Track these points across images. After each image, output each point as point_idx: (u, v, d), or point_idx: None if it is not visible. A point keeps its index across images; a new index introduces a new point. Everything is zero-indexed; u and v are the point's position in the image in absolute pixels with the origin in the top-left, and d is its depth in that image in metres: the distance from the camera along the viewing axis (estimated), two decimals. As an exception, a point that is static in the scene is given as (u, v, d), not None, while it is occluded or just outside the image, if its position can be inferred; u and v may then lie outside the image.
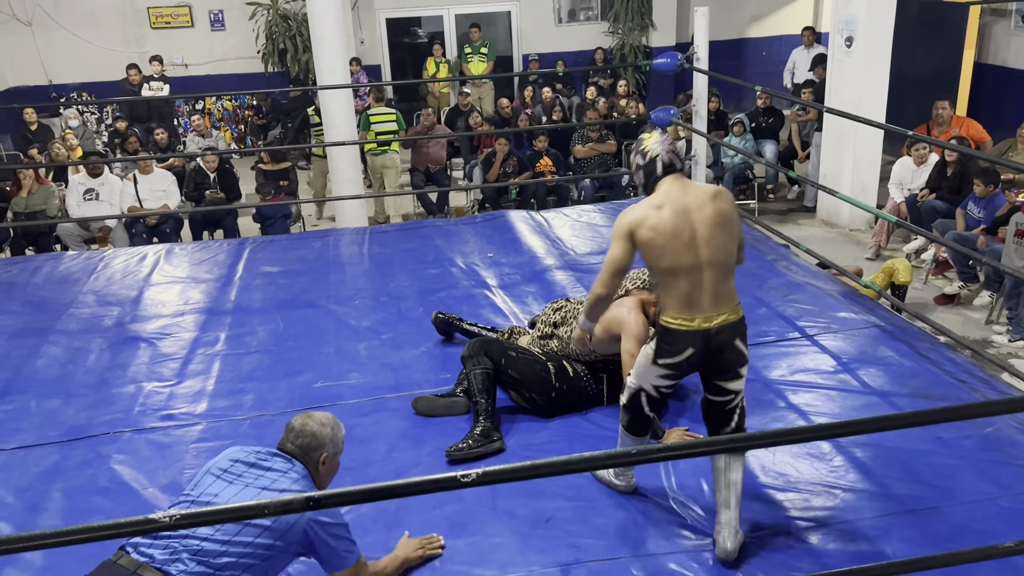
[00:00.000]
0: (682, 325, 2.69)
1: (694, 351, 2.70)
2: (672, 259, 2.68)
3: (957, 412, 2.18)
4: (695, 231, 2.68)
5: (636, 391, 2.87)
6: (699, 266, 2.67)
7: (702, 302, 2.68)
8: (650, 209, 2.72)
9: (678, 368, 2.75)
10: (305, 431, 2.55)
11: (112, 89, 10.94)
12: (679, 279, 2.68)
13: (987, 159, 6.16)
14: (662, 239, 2.67)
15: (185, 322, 4.77)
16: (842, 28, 8.10)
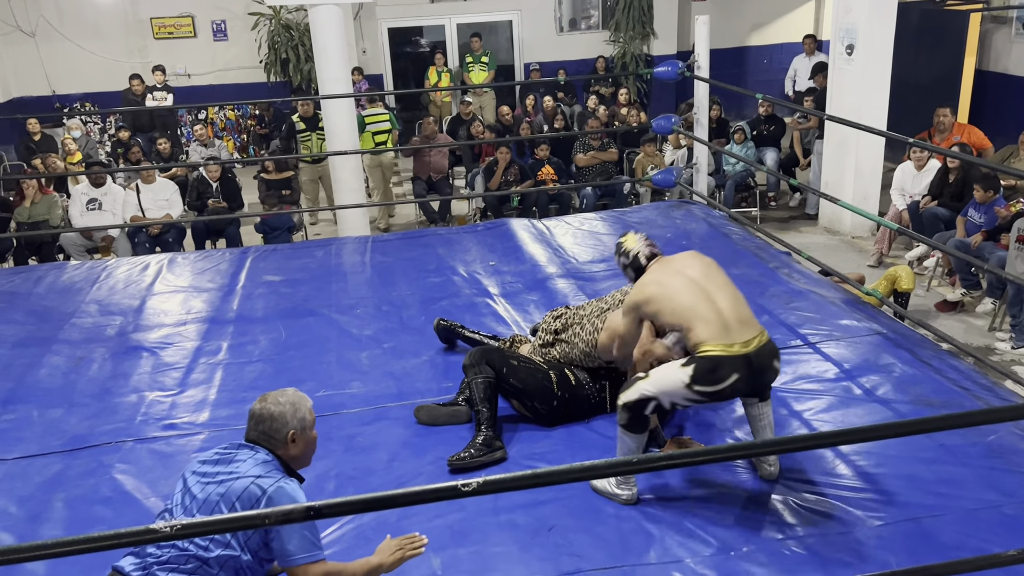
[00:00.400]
0: (723, 351, 2.81)
1: (739, 376, 2.81)
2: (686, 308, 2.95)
3: (960, 420, 2.18)
4: (695, 279, 3.03)
5: (648, 399, 2.90)
6: (711, 299, 2.96)
7: (734, 329, 2.88)
8: (642, 287, 3.13)
9: (719, 396, 2.86)
10: (264, 414, 2.50)
11: (115, 99, 10.99)
12: (701, 316, 2.91)
13: (988, 166, 6.16)
14: (664, 297, 3.01)
15: (187, 331, 4.77)
16: (843, 36, 8.11)
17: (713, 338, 2.83)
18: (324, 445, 3.55)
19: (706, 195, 6.92)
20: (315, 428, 2.63)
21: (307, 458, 2.62)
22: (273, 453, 2.49)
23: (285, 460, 2.51)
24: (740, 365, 2.80)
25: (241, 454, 2.47)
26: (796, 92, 10.69)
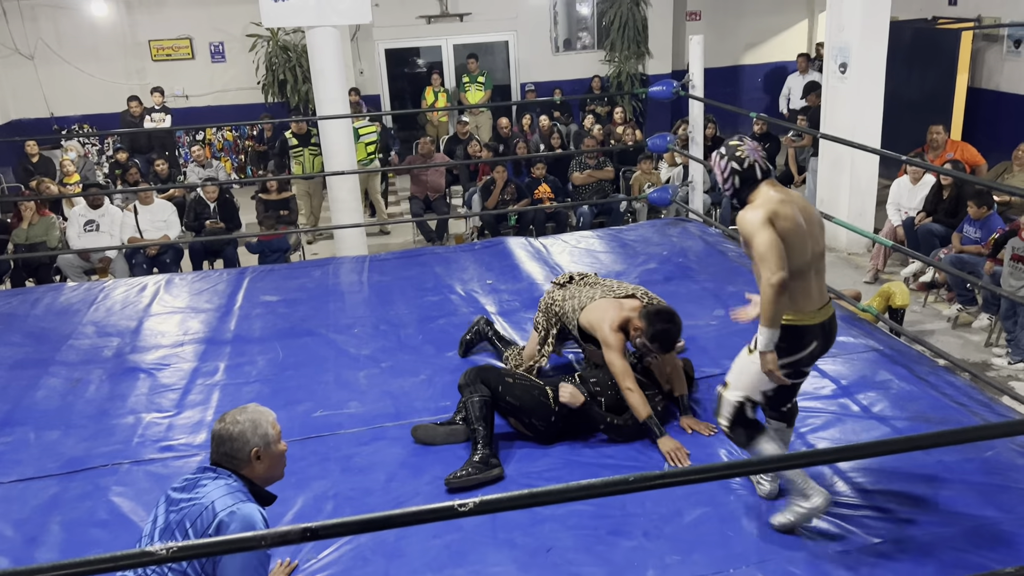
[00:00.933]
0: (804, 321, 2.78)
1: (817, 343, 2.82)
2: (799, 255, 2.76)
3: (957, 436, 2.18)
4: (810, 227, 2.81)
5: (740, 404, 2.87)
6: (814, 259, 2.81)
7: (815, 296, 2.81)
8: (776, 203, 2.77)
9: (799, 364, 2.83)
10: (224, 435, 2.44)
11: (113, 121, 11.04)
12: (801, 275, 2.77)
13: (980, 183, 6.20)
14: (794, 231, 2.75)
15: (185, 352, 4.77)
16: (836, 54, 8.17)
17: (799, 307, 2.78)
18: (322, 465, 3.56)
19: (702, 213, 6.95)
20: (282, 440, 2.54)
21: (277, 472, 2.53)
22: (238, 474, 2.42)
23: (251, 480, 2.44)
24: (818, 332, 2.81)
25: (204, 479, 2.40)
26: (790, 110, 10.76)
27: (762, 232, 2.73)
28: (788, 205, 2.78)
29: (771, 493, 3.11)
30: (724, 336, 4.49)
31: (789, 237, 2.74)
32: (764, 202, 2.81)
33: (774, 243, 2.70)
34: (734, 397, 2.89)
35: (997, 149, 8.50)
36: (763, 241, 2.72)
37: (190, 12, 11.54)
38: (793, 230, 2.75)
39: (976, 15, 9.51)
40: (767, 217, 2.74)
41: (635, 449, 3.56)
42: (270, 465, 2.47)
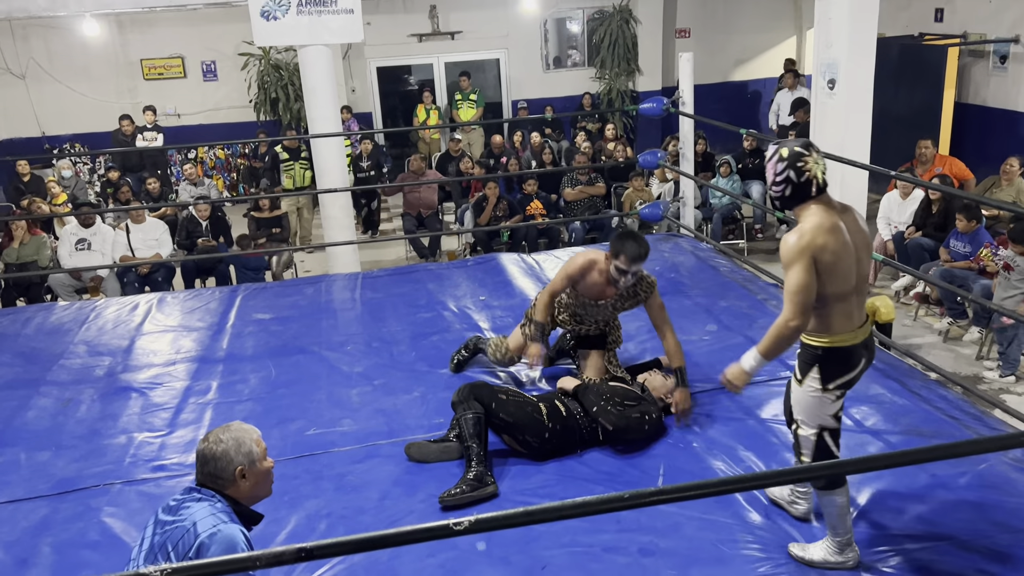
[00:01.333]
0: (848, 341, 2.73)
1: (865, 360, 2.78)
2: (843, 282, 2.70)
3: (951, 450, 2.18)
4: (858, 251, 2.75)
5: (817, 436, 2.79)
6: (859, 282, 2.75)
7: (856, 316, 2.76)
8: (825, 234, 2.68)
9: (850, 384, 2.78)
10: (206, 456, 2.40)
11: (105, 140, 11.04)
12: (846, 299, 2.73)
13: (968, 197, 6.25)
14: (840, 263, 2.68)
15: (177, 371, 4.75)
16: (824, 71, 8.24)
17: (841, 328, 2.73)
18: (315, 484, 3.55)
19: (693, 228, 6.98)
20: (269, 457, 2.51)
21: (263, 490, 2.50)
22: (222, 494, 2.39)
23: (237, 499, 2.41)
24: (862, 351, 2.78)
25: (189, 500, 2.37)
26: (780, 126, 10.82)
27: (797, 268, 2.67)
28: (837, 233, 2.69)
29: (807, 513, 3.08)
30: (717, 351, 4.50)
31: (833, 268, 2.67)
32: (812, 230, 2.69)
33: (804, 287, 2.66)
34: (809, 431, 2.82)
35: (985, 163, 8.57)
36: (795, 280, 2.68)
37: (182, 31, 11.57)
38: (838, 261, 2.68)
39: (962, 31, 9.62)
40: (809, 252, 2.66)
41: (629, 464, 3.57)
42: (256, 483, 2.44)
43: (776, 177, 2.79)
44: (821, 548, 2.86)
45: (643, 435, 3.66)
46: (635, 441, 3.66)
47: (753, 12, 12.82)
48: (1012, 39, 8.98)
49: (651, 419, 3.68)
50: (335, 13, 7.09)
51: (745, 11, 12.80)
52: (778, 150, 2.81)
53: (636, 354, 4.57)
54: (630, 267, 3.79)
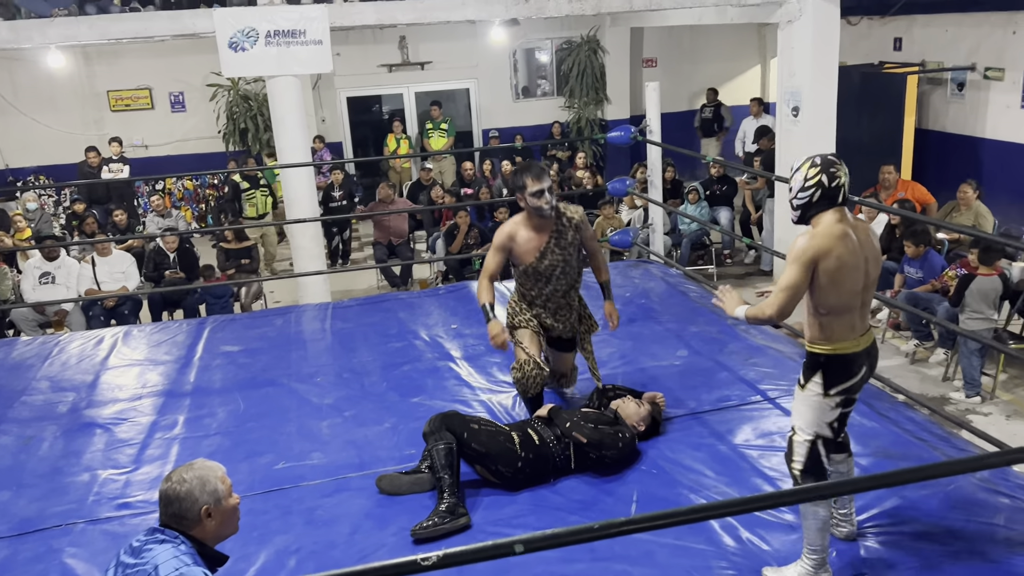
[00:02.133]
0: (849, 349, 2.80)
1: (866, 368, 2.84)
2: (848, 291, 2.77)
3: (920, 473, 2.20)
4: (867, 261, 2.81)
5: (811, 443, 2.86)
6: (864, 291, 2.82)
7: (858, 325, 2.83)
8: (833, 240, 2.75)
9: (853, 391, 2.83)
10: (169, 497, 2.34)
11: (71, 171, 10.90)
12: (851, 305, 2.79)
13: (930, 222, 6.37)
14: (845, 269, 2.75)
15: (143, 406, 4.67)
16: (788, 99, 8.40)
17: (843, 336, 2.80)
18: (284, 519, 3.49)
19: (663, 254, 7.03)
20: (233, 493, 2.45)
21: (230, 529, 2.45)
22: (187, 535, 2.33)
23: (202, 540, 2.36)
24: (865, 358, 2.85)
25: (152, 541, 2.31)
26: (746, 152, 11.00)
27: (795, 267, 2.76)
28: (847, 240, 2.76)
29: (850, 535, 3.08)
30: (687, 375, 4.52)
31: (837, 274, 2.74)
32: (822, 234, 2.77)
33: (794, 287, 2.76)
34: (804, 437, 2.88)
35: (945, 188, 8.75)
36: (788, 278, 2.77)
37: (149, 62, 11.52)
38: (842, 267, 2.74)
39: (920, 60, 9.87)
40: (812, 256, 2.74)
41: (603, 491, 3.55)
42: (222, 522, 2.39)
43: (806, 182, 2.84)
44: (796, 570, 2.88)
45: (617, 451, 3.64)
46: (608, 466, 3.65)
47: (718, 42, 13.05)
48: (969, 67, 9.23)
49: (624, 437, 3.68)
50: (304, 44, 7.11)
51: (711, 41, 13.03)
52: (811, 158, 2.89)
53: (607, 381, 4.58)
54: (541, 183, 3.87)
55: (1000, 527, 3.10)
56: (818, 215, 2.84)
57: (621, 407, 3.89)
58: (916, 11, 9.78)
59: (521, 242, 4.02)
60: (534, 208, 3.93)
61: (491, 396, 4.48)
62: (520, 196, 3.95)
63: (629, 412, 3.87)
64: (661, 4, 8.01)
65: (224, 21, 6.99)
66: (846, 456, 3.06)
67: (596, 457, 3.64)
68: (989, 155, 9.21)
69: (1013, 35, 8.69)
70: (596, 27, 12.39)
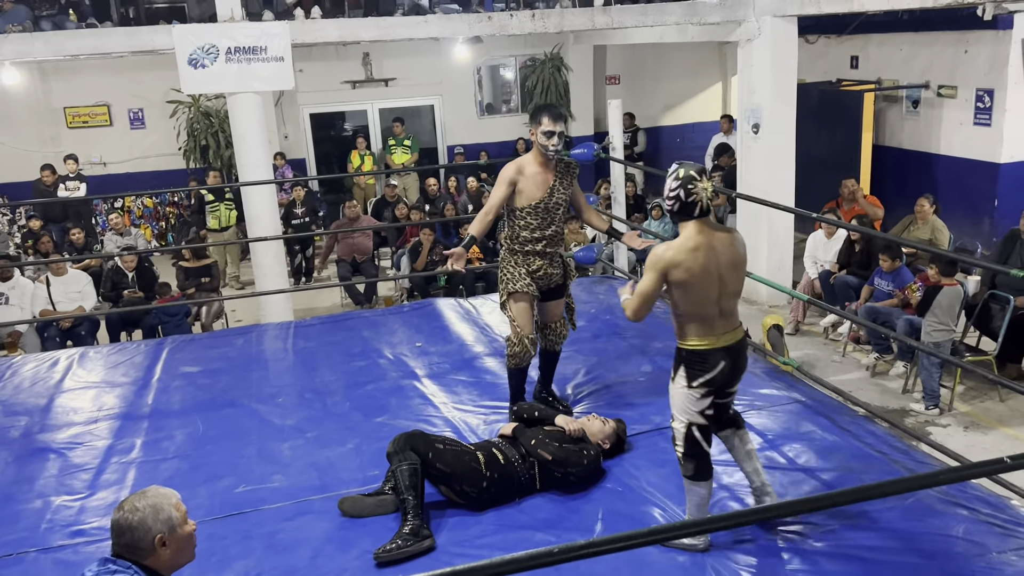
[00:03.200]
0: (709, 346, 3.07)
1: (726, 363, 3.08)
2: (700, 294, 3.05)
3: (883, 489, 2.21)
4: (719, 270, 3.06)
5: (687, 429, 3.12)
6: (718, 297, 3.07)
7: (719, 326, 3.09)
8: (686, 253, 3.03)
9: (713, 383, 3.08)
10: (121, 527, 2.27)
11: (26, 190, 10.67)
12: (704, 309, 3.06)
13: (887, 238, 6.48)
14: (694, 280, 3.02)
15: (98, 429, 4.56)
16: (748, 115, 8.53)
17: (701, 333, 3.07)
18: (244, 544, 3.42)
19: (627, 270, 7.06)
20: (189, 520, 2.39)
21: (185, 556, 2.38)
22: (140, 564, 2.26)
23: (156, 569, 2.29)
24: (726, 354, 3.08)
25: (103, 573, 2.24)
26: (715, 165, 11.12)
27: (648, 276, 3.09)
28: (697, 253, 3.02)
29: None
30: (652, 391, 4.53)
31: (686, 284, 3.03)
32: (675, 247, 3.05)
33: (646, 294, 3.10)
34: (679, 424, 3.15)
35: (903, 203, 8.93)
36: (642, 284, 3.12)
37: (107, 78, 11.35)
38: (691, 279, 3.02)
39: (876, 78, 10.08)
40: (662, 267, 3.04)
41: (568, 509, 3.53)
42: (177, 550, 2.33)
43: (670, 192, 3.12)
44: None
45: (582, 468, 3.63)
46: (573, 484, 3.63)
47: (680, 60, 13.22)
48: (923, 85, 9.44)
49: (589, 455, 3.67)
50: (265, 61, 7.06)
51: (672, 59, 13.20)
52: (676, 169, 3.12)
53: (574, 400, 4.57)
54: (555, 126, 4.06)
55: (959, 539, 3.14)
56: (683, 223, 3.11)
57: (586, 425, 3.88)
58: (871, 30, 10.00)
59: (529, 176, 4.17)
60: (541, 145, 4.12)
61: (456, 415, 4.45)
62: (533, 130, 4.15)
63: (594, 430, 3.86)
64: (623, 22, 8.10)
65: (184, 38, 6.92)
66: (733, 430, 3.31)
67: (561, 475, 3.63)
68: (943, 171, 9.42)
69: (965, 54, 8.92)
70: (560, 45, 12.48)
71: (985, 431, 5.86)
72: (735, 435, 3.31)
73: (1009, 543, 3.10)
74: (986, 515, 3.27)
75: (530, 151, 4.24)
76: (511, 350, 4.17)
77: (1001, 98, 8.58)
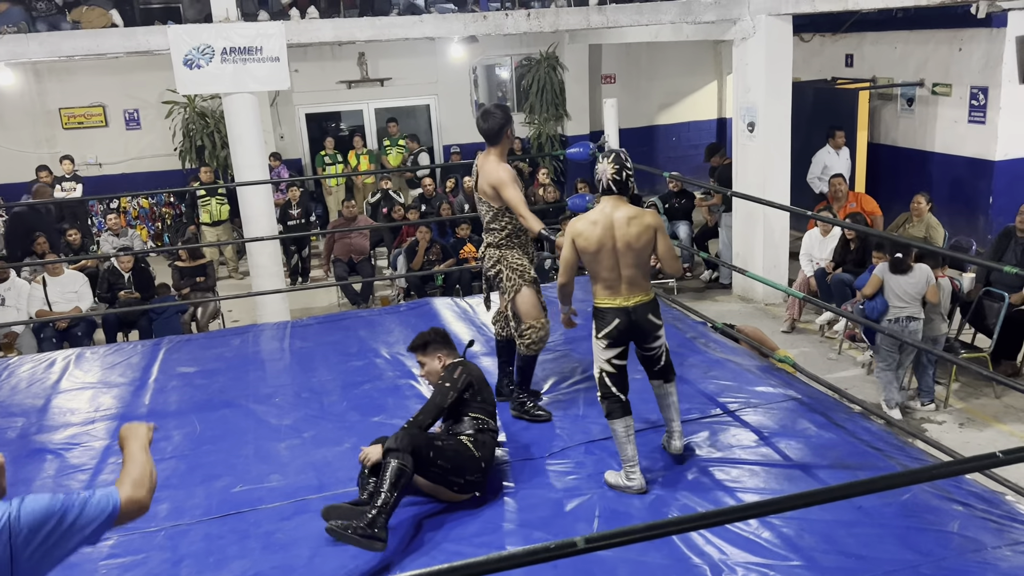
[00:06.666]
0: (609, 304, 3.60)
1: (619, 321, 3.58)
2: (599, 261, 3.57)
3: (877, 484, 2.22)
4: (615, 242, 3.54)
5: (599, 375, 3.67)
6: (617, 265, 3.56)
7: (620, 289, 3.59)
8: (587, 224, 3.58)
9: (611, 336, 3.59)
10: None
11: (21, 191, 10.65)
12: (604, 273, 3.58)
13: (882, 236, 6.50)
14: (593, 247, 3.55)
15: (96, 430, 4.56)
16: (744, 114, 8.55)
17: (603, 295, 3.61)
18: (241, 543, 3.43)
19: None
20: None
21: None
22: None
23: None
24: (621, 314, 3.58)
25: None
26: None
27: (564, 247, 3.68)
28: (596, 227, 3.54)
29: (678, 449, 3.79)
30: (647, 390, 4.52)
31: (587, 252, 3.58)
32: (582, 219, 3.62)
33: (566, 260, 3.68)
34: (596, 371, 3.70)
35: (898, 201, 8.96)
36: (562, 255, 3.71)
37: (103, 79, 11.34)
38: (590, 248, 3.55)
39: (871, 76, 10.11)
40: (570, 235, 3.62)
41: (566, 507, 3.53)
42: None
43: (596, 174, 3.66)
44: (614, 475, 3.67)
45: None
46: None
47: (675, 59, 13.25)
48: (917, 83, 9.47)
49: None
50: (260, 61, 7.06)
51: (668, 58, 13.22)
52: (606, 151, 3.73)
53: (568, 399, 4.58)
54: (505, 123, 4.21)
55: (954, 534, 3.15)
56: (599, 197, 3.66)
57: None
58: (866, 28, 10.03)
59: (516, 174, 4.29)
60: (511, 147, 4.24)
61: (452, 414, 4.45)
62: (509, 131, 4.25)
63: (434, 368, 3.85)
64: (618, 21, 8.11)
65: (179, 38, 6.91)
66: (661, 382, 3.79)
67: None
68: (938, 168, 9.45)
69: (959, 52, 8.94)
70: (555, 44, 12.49)
71: (980, 428, 5.88)
72: (662, 387, 3.79)
73: (1004, 538, 3.11)
74: (981, 511, 3.28)
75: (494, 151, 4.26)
76: (536, 335, 4.26)
77: (995, 96, 8.61)
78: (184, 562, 3.33)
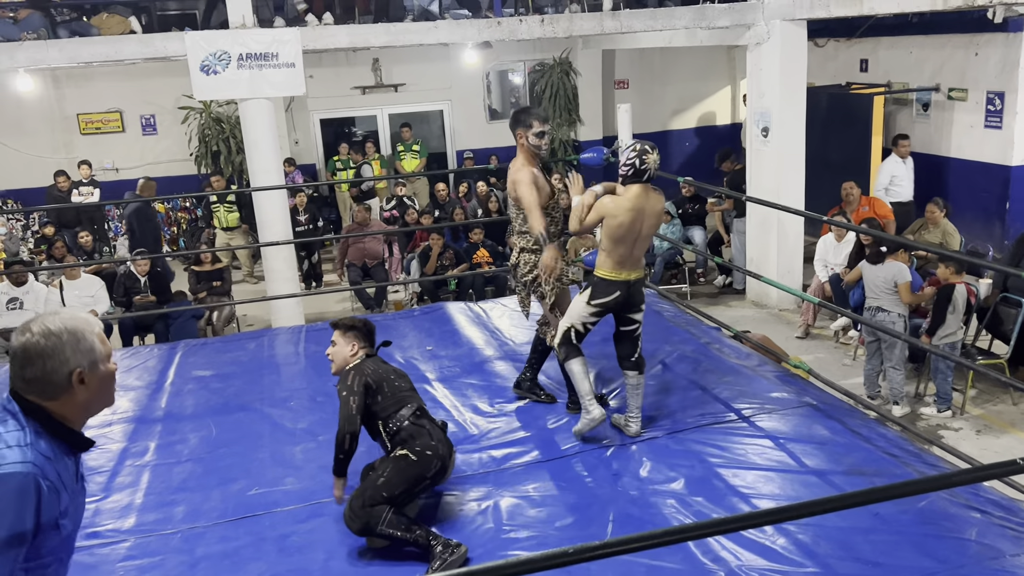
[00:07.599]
0: (616, 277, 3.97)
1: (620, 294, 3.97)
2: (623, 241, 3.91)
3: (897, 490, 2.22)
4: (642, 227, 3.93)
5: (567, 328, 4.05)
6: (634, 246, 3.95)
7: (628, 265, 3.98)
8: (622, 211, 3.87)
9: (604, 305, 3.98)
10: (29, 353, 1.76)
11: (40, 195, 10.77)
12: (621, 250, 3.92)
13: (899, 241, 6.46)
14: (622, 230, 3.89)
15: (112, 432, 4.59)
16: (758, 119, 8.53)
17: (613, 268, 3.96)
18: (257, 546, 3.44)
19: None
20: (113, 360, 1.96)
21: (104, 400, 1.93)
22: (41, 407, 1.80)
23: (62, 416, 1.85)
24: (624, 286, 3.97)
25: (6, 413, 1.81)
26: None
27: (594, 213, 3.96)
28: (628, 210, 3.87)
29: (637, 432, 4.07)
30: (661, 394, 4.54)
31: (613, 229, 3.88)
32: (616, 200, 3.90)
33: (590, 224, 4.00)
34: (565, 324, 4.05)
35: (914, 206, 8.91)
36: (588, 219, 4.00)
37: (120, 85, 11.44)
38: (618, 227, 3.87)
39: (886, 81, 10.07)
40: (603, 212, 3.91)
41: (579, 512, 3.53)
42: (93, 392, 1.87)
43: (627, 161, 3.91)
44: (580, 422, 4.04)
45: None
46: None
47: (689, 64, 13.23)
48: (933, 88, 9.43)
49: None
50: (276, 67, 7.11)
51: (681, 63, 13.20)
52: (634, 144, 3.96)
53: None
54: (544, 126, 4.20)
55: (972, 542, 3.13)
56: (629, 185, 3.92)
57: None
58: (881, 33, 10.00)
59: (538, 175, 4.24)
60: (533, 147, 4.19)
61: (467, 417, 4.46)
62: (522, 133, 4.19)
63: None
64: (632, 27, 8.11)
65: (196, 44, 6.97)
66: (636, 373, 4.09)
67: None
68: (954, 174, 9.40)
69: (975, 56, 8.90)
70: (568, 49, 12.51)
71: (997, 434, 5.84)
72: (636, 377, 4.09)
73: (1023, 546, 3.09)
74: (999, 519, 3.26)
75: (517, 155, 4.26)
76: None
77: (1012, 101, 8.56)
78: (200, 564, 3.35)
